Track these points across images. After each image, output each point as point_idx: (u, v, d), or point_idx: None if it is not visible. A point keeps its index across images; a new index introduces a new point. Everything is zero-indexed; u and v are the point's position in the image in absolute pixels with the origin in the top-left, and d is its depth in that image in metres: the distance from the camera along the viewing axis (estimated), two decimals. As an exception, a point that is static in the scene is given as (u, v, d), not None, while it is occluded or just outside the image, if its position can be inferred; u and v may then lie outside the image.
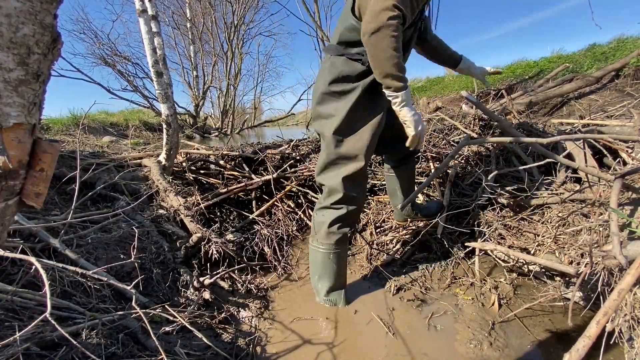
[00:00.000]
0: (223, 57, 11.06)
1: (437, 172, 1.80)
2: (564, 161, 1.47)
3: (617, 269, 1.04)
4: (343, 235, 1.43)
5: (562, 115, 4.08)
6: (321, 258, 1.44)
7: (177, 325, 1.21)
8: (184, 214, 1.87)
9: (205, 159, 2.63)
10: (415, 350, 1.20)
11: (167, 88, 2.34)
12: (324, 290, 1.48)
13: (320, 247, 1.44)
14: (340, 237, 1.42)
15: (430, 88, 8.46)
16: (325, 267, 1.45)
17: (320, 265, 1.46)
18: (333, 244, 1.42)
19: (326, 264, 1.44)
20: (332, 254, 1.43)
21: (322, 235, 1.42)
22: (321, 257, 1.44)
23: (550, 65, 5.67)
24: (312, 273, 1.54)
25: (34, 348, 0.93)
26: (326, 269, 1.45)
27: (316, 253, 1.46)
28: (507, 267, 1.56)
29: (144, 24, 2.23)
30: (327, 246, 1.42)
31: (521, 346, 1.18)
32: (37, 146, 0.44)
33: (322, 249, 1.43)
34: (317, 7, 8.34)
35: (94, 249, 1.47)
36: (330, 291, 1.48)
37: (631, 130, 1.92)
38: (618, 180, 1.19)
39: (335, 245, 1.42)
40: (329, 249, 1.42)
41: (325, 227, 1.40)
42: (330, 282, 1.46)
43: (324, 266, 1.45)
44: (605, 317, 0.86)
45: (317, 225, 1.44)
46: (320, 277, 1.48)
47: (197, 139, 8.88)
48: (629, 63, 4.32)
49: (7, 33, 0.35)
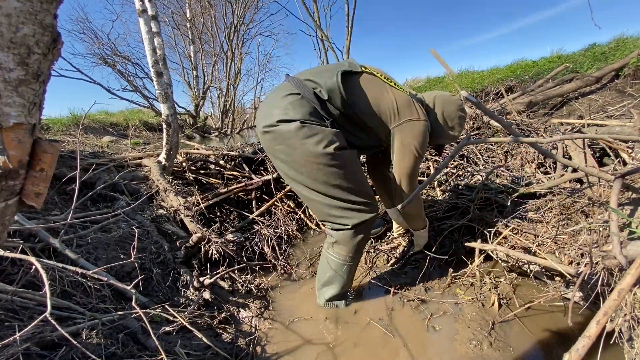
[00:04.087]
0: (223, 57, 11.07)
1: (437, 172, 1.80)
2: (564, 161, 1.47)
3: (617, 269, 1.04)
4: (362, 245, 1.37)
5: (562, 115, 4.08)
6: (335, 267, 1.37)
7: (177, 325, 1.21)
8: (184, 214, 1.87)
9: (205, 159, 2.63)
10: (415, 350, 1.20)
11: (167, 88, 2.34)
12: (328, 295, 1.43)
13: (335, 256, 1.36)
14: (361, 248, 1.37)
15: (430, 88, 8.46)
16: (336, 277, 1.39)
17: (332, 273, 1.39)
18: (351, 256, 1.35)
19: (338, 273, 1.38)
20: (347, 265, 1.37)
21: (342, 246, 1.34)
22: (335, 266, 1.37)
23: (550, 65, 5.66)
24: (319, 277, 1.45)
25: (34, 348, 0.93)
26: (336, 278, 1.39)
27: (330, 261, 1.38)
28: (507, 267, 1.56)
29: (144, 24, 2.23)
30: (344, 257, 1.35)
31: (521, 346, 1.18)
32: (37, 146, 0.44)
33: (338, 259, 1.36)
34: (316, 7, 8.34)
35: (94, 249, 1.47)
36: (334, 298, 1.44)
37: (631, 130, 1.92)
38: (618, 180, 1.19)
39: (353, 256, 1.36)
40: (346, 261, 1.36)
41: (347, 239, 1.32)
42: (337, 290, 1.41)
43: (334, 275, 1.39)
44: (605, 317, 0.86)
45: (339, 236, 1.33)
46: (327, 283, 1.42)
47: (197, 139, 8.89)
48: (629, 63, 4.31)
49: (7, 33, 0.35)
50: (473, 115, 2.75)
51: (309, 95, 1.21)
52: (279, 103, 1.22)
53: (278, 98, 1.24)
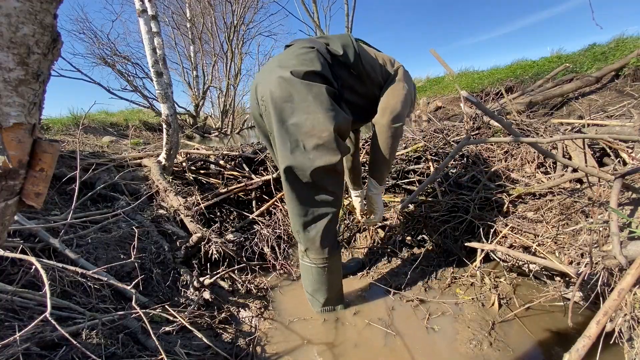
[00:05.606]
0: (223, 57, 11.07)
1: (437, 172, 1.80)
2: (564, 161, 1.47)
3: (617, 269, 1.04)
4: (335, 242, 1.34)
5: (562, 115, 4.08)
6: (316, 273, 1.34)
7: (177, 325, 1.21)
8: (184, 214, 1.87)
9: (205, 159, 2.63)
10: (415, 350, 1.20)
11: (167, 88, 2.34)
12: (322, 300, 1.40)
13: (313, 263, 1.32)
14: (334, 245, 1.33)
15: (430, 88, 8.46)
16: (321, 282, 1.35)
17: (316, 280, 1.35)
18: (327, 257, 1.31)
19: (322, 278, 1.34)
20: (327, 267, 1.32)
21: (316, 250, 1.29)
22: (316, 272, 1.34)
23: (550, 66, 5.67)
24: (305, 287, 1.43)
25: (34, 348, 0.93)
26: (322, 282, 1.35)
27: (309, 269, 1.35)
28: (507, 266, 1.56)
29: (144, 24, 2.23)
30: (321, 261, 1.31)
31: (521, 346, 1.18)
32: (37, 146, 0.44)
33: (316, 265, 1.32)
34: (315, 7, 8.35)
35: (94, 249, 1.47)
36: (328, 302, 1.41)
37: (631, 130, 1.92)
38: (618, 180, 1.19)
39: (330, 256, 1.31)
40: (324, 263, 1.32)
41: (318, 241, 1.27)
42: (327, 294, 1.38)
43: (320, 280, 1.35)
44: (605, 317, 0.86)
45: (307, 242, 1.29)
46: (315, 291, 1.39)
47: (197, 139, 8.90)
48: (629, 63, 4.32)
49: (7, 33, 0.35)
50: (473, 115, 2.75)
51: (322, 49, 1.21)
52: (298, 53, 1.17)
53: (293, 51, 1.20)
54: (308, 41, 1.25)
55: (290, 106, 1.11)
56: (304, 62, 1.14)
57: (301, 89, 1.10)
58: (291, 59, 1.16)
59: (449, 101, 6.40)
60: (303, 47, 1.20)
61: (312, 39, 1.27)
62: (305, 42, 1.25)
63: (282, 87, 1.11)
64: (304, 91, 1.10)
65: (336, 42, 1.24)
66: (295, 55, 1.17)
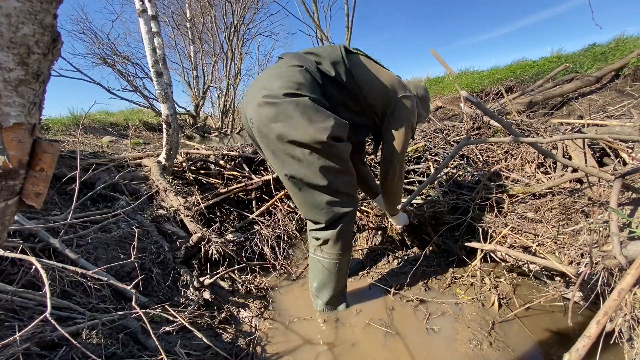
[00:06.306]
0: (223, 57, 11.08)
1: (437, 172, 1.80)
2: (564, 161, 1.47)
3: (617, 269, 1.04)
4: (350, 241, 1.36)
5: (562, 115, 4.08)
6: (328, 267, 1.35)
7: (177, 325, 1.21)
8: (184, 214, 1.87)
9: (205, 159, 2.63)
10: (415, 350, 1.20)
11: (167, 88, 2.34)
12: (325, 299, 1.41)
13: (326, 257, 1.34)
14: (348, 242, 1.36)
15: (430, 88, 8.46)
16: (330, 277, 1.37)
17: (326, 275, 1.37)
18: (340, 252, 1.33)
19: (332, 273, 1.36)
20: (339, 263, 1.34)
21: (330, 245, 1.32)
22: (328, 266, 1.35)
23: (550, 65, 5.67)
24: (312, 281, 1.43)
25: (34, 348, 0.93)
26: (330, 278, 1.37)
27: (320, 263, 1.36)
28: (507, 267, 1.56)
29: (144, 24, 2.23)
30: (335, 255, 1.33)
31: (521, 346, 1.18)
32: (37, 146, 0.44)
33: (329, 259, 1.34)
34: (316, 7, 8.35)
35: (94, 249, 1.47)
36: (331, 300, 1.42)
37: (631, 130, 1.92)
38: (618, 180, 1.19)
39: (343, 252, 1.34)
40: (337, 259, 1.34)
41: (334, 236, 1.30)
42: (333, 291, 1.39)
43: (329, 276, 1.37)
44: (605, 317, 0.86)
45: (325, 235, 1.32)
46: (321, 286, 1.40)
47: (197, 139, 8.89)
48: (629, 63, 4.32)
49: (7, 33, 0.35)
50: (473, 115, 2.75)
51: (312, 68, 1.18)
52: (284, 73, 1.15)
53: (279, 70, 1.18)
54: (297, 58, 1.21)
55: (278, 126, 1.12)
56: (289, 85, 1.12)
57: (286, 107, 1.10)
58: (275, 81, 1.14)
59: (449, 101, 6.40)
60: (291, 66, 1.18)
61: (302, 56, 1.23)
62: (295, 59, 1.21)
63: (268, 108, 1.12)
64: (290, 108, 1.10)
65: (327, 60, 1.21)
66: (279, 76, 1.15)
